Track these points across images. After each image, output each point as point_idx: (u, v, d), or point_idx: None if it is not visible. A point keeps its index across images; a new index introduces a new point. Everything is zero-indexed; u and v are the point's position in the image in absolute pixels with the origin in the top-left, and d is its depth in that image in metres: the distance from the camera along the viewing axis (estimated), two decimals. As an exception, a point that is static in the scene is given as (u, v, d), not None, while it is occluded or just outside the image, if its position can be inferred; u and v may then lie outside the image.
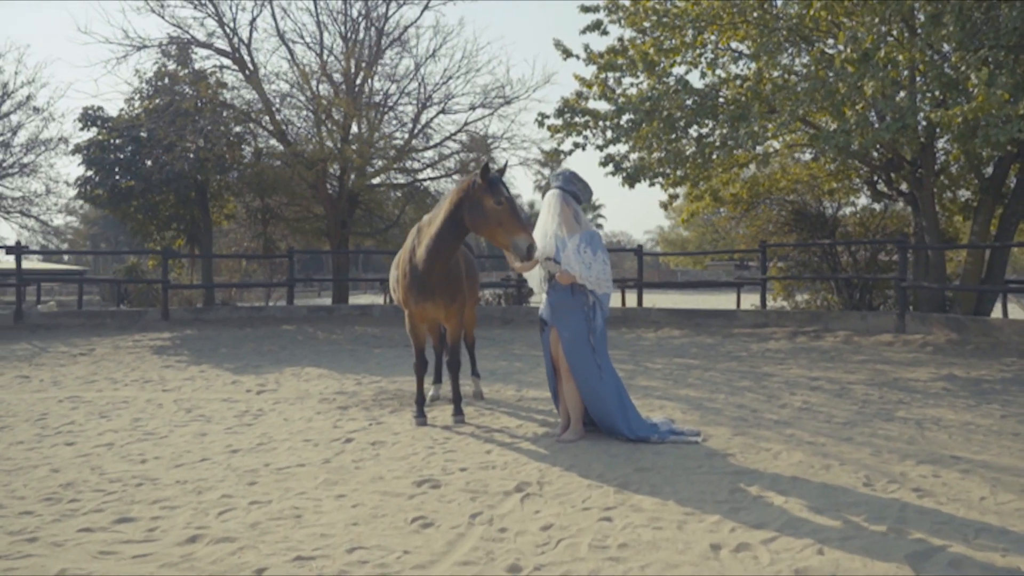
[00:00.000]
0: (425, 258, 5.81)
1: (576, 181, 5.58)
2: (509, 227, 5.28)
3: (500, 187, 5.41)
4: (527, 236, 5.24)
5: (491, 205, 5.36)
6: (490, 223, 5.37)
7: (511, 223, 5.29)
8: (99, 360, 11.04)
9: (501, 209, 5.33)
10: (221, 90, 17.48)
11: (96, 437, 5.83)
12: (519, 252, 5.27)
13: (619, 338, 13.91)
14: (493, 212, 5.34)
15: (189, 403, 7.35)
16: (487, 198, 5.39)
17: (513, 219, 5.30)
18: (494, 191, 5.37)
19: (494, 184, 5.40)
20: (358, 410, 6.88)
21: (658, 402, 7.25)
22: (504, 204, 5.35)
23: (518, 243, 5.24)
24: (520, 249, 5.25)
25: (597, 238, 5.53)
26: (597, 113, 12.27)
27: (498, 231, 5.34)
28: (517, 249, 5.27)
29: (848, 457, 5.04)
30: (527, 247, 5.21)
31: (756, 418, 6.41)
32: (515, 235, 5.24)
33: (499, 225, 5.32)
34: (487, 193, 5.39)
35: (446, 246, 5.76)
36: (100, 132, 16.57)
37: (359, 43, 17.76)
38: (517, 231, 5.25)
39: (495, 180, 5.43)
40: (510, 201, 5.40)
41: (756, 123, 10.46)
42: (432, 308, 6.02)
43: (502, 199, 5.35)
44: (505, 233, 5.29)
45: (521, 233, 5.24)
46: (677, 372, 9.49)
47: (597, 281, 5.41)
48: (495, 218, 5.33)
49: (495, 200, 5.36)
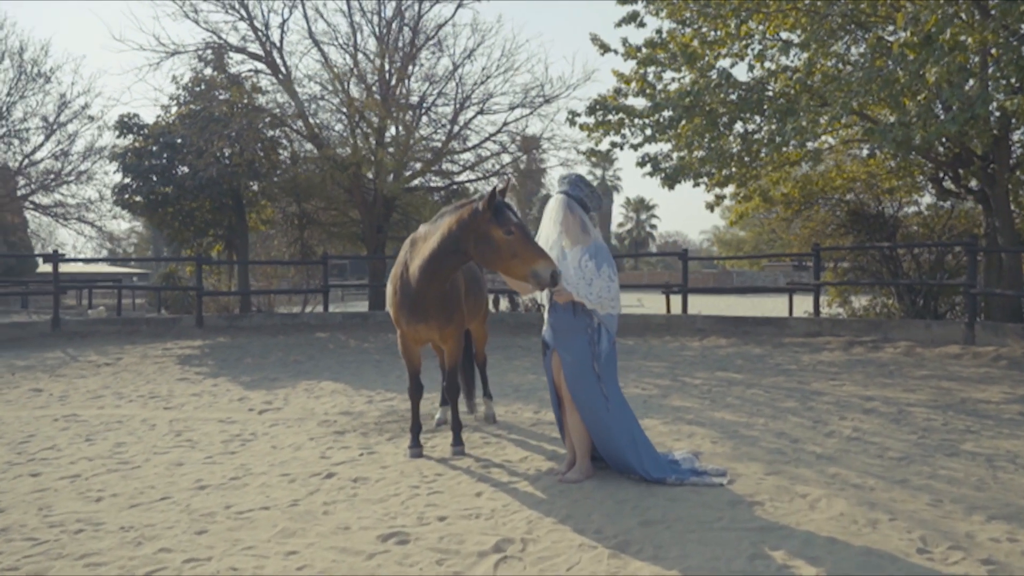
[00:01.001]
0: (419, 278, 5.22)
1: (583, 186, 4.91)
2: (526, 256, 4.61)
3: (508, 214, 4.75)
4: (548, 262, 4.56)
5: (501, 236, 4.71)
6: (503, 256, 4.72)
7: (528, 251, 4.62)
8: (119, 371, 10.83)
9: (513, 239, 4.67)
10: (256, 95, 17.31)
11: (67, 466, 5.42)
12: (541, 282, 4.60)
13: (662, 347, 13.12)
14: (505, 244, 4.70)
15: (184, 424, 6.93)
16: (494, 229, 4.74)
17: (529, 247, 4.64)
18: (501, 220, 4.72)
19: (500, 212, 4.75)
20: (355, 436, 6.34)
21: (688, 428, 6.51)
22: (516, 232, 4.69)
23: (539, 273, 4.56)
24: (542, 279, 4.56)
25: (603, 251, 4.85)
26: (632, 110, 11.50)
27: (513, 263, 4.68)
28: (538, 279, 4.59)
29: (901, 508, 4.24)
30: (550, 274, 4.54)
31: (796, 451, 5.63)
32: (534, 264, 4.57)
33: (514, 257, 4.67)
34: (494, 224, 4.74)
35: (442, 270, 5.16)
36: (136, 139, 16.57)
37: (393, 43, 17.36)
38: (536, 259, 4.58)
39: (501, 207, 4.77)
40: (521, 227, 4.74)
41: (804, 117, 9.55)
42: (425, 330, 5.44)
43: (512, 227, 4.70)
44: (522, 264, 4.63)
45: (541, 260, 4.56)
46: (717, 389, 8.70)
47: (599, 300, 4.73)
48: (508, 250, 4.69)
49: (504, 230, 4.70)
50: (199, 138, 15.39)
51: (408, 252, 5.38)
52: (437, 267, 5.11)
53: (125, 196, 16.72)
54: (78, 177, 27.81)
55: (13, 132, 27.90)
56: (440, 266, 5.11)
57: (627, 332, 15.24)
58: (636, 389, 8.82)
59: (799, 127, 9.38)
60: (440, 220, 5.17)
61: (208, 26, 16.07)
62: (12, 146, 28.57)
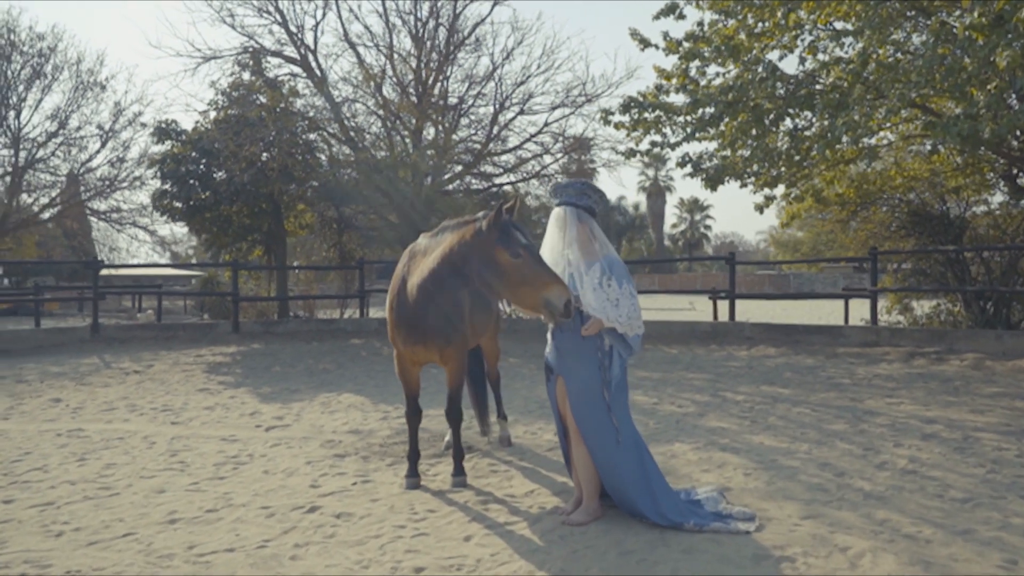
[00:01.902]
0: (416, 297, 4.72)
1: (591, 192, 4.35)
2: (538, 282, 4.07)
3: (514, 235, 4.20)
4: (562, 289, 4.03)
5: (507, 260, 4.17)
6: (511, 282, 4.18)
7: (539, 277, 4.08)
8: (145, 380, 10.67)
9: (522, 263, 4.13)
10: (293, 98, 17.16)
11: (45, 491, 5.12)
12: (555, 312, 4.05)
13: (707, 357, 12.41)
14: (513, 269, 4.15)
15: (184, 442, 6.61)
16: (500, 252, 4.20)
17: (541, 271, 4.09)
18: (508, 242, 4.18)
19: (507, 233, 4.20)
20: (355, 460, 5.90)
21: (720, 456, 5.87)
22: (524, 255, 4.14)
23: (552, 301, 4.02)
24: (556, 308, 4.03)
25: (618, 264, 4.28)
26: (670, 107, 10.79)
27: (523, 291, 4.14)
28: (551, 308, 4.04)
29: (964, 570, 3.57)
30: (564, 303, 4.01)
31: (841, 487, 4.95)
32: (547, 291, 4.04)
33: (523, 283, 4.13)
34: (500, 246, 4.19)
35: (441, 291, 4.66)
36: (175, 145, 16.59)
37: (429, 43, 17.01)
38: (548, 285, 4.04)
39: (507, 227, 4.22)
40: (530, 249, 4.18)
41: (857, 111, 8.75)
42: (423, 351, 4.95)
43: (519, 250, 4.15)
44: (533, 291, 4.09)
45: (554, 287, 4.03)
46: (760, 407, 8.01)
47: (628, 322, 4.17)
48: (517, 275, 4.14)
49: (511, 253, 4.16)
50: (233, 143, 15.29)
51: (407, 265, 4.90)
52: (436, 287, 4.62)
53: (165, 202, 16.76)
54: (132, 183, 28.37)
55: (71, 140, 28.63)
56: (439, 287, 4.61)
57: (671, 340, 14.53)
58: (671, 406, 8.19)
59: (851, 122, 8.58)
60: (442, 235, 4.66)
61: (244, 31, 15.98)
62: (70, 154, 29.35)
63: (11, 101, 27.72)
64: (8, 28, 26.94)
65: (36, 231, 32.16)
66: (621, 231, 74.35)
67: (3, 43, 26.92)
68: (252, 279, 19.65)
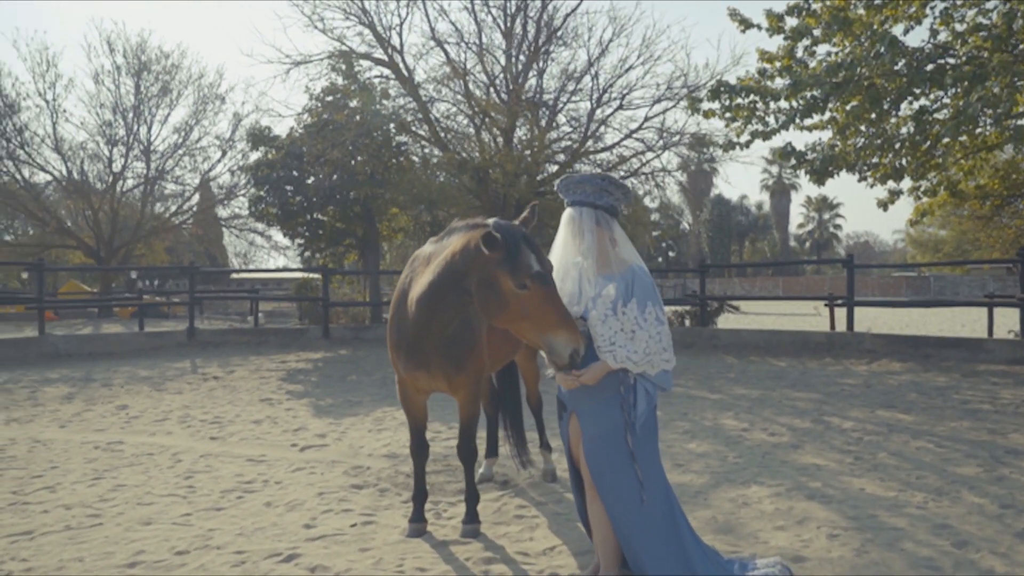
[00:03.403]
0: (416, 314, 3.90)
1: (612, 188, 3.43)
2: (543, 322, 3.19)
3: (522, 259, 3.28)
4: (571, 335, 3.15)
5: (510, 288, 3.29)
6: (510, 314, 3.32)
7: (545, 316, 3.19)
8: (217, 388, 10.55)
9: (528, 296, 3.25)
10: (385, 101, 16.98)
11: (36, 516, 4.75)
12: (557, 357, 3.20)
13: (818, 372, 11.00)
14: (515, 300, 3.28)
15: (208, 462, 6.18)
16: (503, 277, 3.31)
17: (549, 310, 3.19)
18: (513, 268, 3.27)
19: (513, 256, 3.28)
20: (371, 493, 5.22)
21: (804, 506, 4.76)
22: (532, 288, 3.23)
23: (555, 346, 3.18)
24: (559, 354, 3.18)
25: (644, 279, 3.35)
26: (767, 91, 9.47)
27: (524, 326, 3.29)
28: (554, 355, 3.21)
29: None
30: (570, 353, 3.16)
31: (960, 564, 3.76)
32: (552, 333, 3.17)
33: (524, 318, 3.27)
34: (503, 269, 3.30)
35: (444, 309, 3.80)
36: (269, 151, 16.77)
37: (519, 38, 16.35)
38: (555, 328, 3.17)
39: (515, 248, 3.30)
40: (541, 279, 3.25)
41: (998, 83, 7.24)
42: (427, 379, 4.14)
43: (527, 280, 3.24)
44: (534, 329, 3.24)
45: (561, 331, 3.15)
46: (870, 438, 6.72)
47: (646, 359, 3.24)
48: (518, 308, 3.28)
49: (515, 283, 3.26)
50: (323, 147, 15.24)
51: (409, 276, 4.13)
52: (437, 304, 3.78)
53: (261, 207, 16.98)
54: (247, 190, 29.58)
55: (192, 151, 30.13)
56: (441, 303, 3.77)
57: (780, 352, 13.12)
58: (762, 434, 7.04)
59: (987, 96, 7.08)
60: (448, 239, 3.82)
61: (334, 34, 15.91)
62: (194, 164, 30.91)
63: (144, 116, 29.49)
64: (140, 49, 28.64)
65: (166, 237, 34.09)
66: (743, 232, 71.12)
67: (136, 63, 28.63)
68: (347, 284, 19.66)
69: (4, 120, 28.08)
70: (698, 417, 7.93)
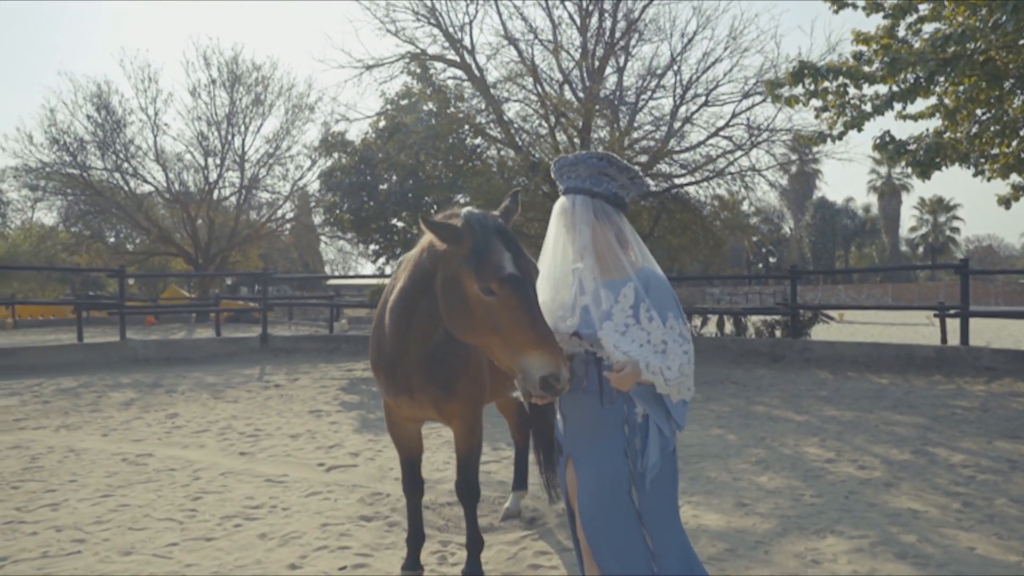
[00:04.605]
0: (391, 326, 3.28)
1: (613, 171, 2.67)
2: (514, 339, 2.50)
3: (493, 255, 2.61)
4: (548, 356, 2.45)
5: (475, 293, 2.62)
6: (476, 324, 2.63)
7: (517, 331, 2.50)
8: (273, 397, 10.32)
9: (495, 304, 2.57)
10: (459, 103, 16.60)
11: (22, 539, 4.43)
12: (529, 384, 2.48)
13: (926, 392, 9.74)
14: (481, 308, 2.60)
15: (225, 481, 5.78)
16: (468, 277, 2.64)
17: (521, 323, 2.50)
18: (480, 266, 2.60)
19: (480, 251, 2.62)
20: (378, 527, 4.63)
21: (890, 568, 3.84)
22: (501, 294, 2.55)
23: (528, 370, 2.47)
24: (531, 378, 2.47)
25: (662, 286, 2.61)
26: (858, 72, 8.28)
27: (493, 343, 2.59)
28: (526, 379, 2.49)
29: None
30: (541, 378, 2.44)
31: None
32: (525, 354, 2.48)
33: (493, 331, 2.57)
34: (468, 269, 2.64)
35: (419, 319, 3.15)
36: (342, 157, 16.69)
37: (595, 33, 15.61)
38: (526, 346, 2.47)
39: (484, 240, 2.63)
40: (513, 283, 2.55)
41: None
42: (410, 405, 3.48)
43: (492, 284, 2.56)
44: (505, 348, 2.54)
45: (536, 352, 2.46)
46: (985, 477, 5.64)
47: (680, 380, 2.49)
48: (486, 319, 2.59)
49: (480, 286, 2.59)
50: (395, 151, 14.98)
51: (392, 282, 3.51)
52: (411, 313, 3.14)
53: (336, 213, 16.92)
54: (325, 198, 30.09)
55: (282, 160, 30.82)
56: (414, 312, 3.13)
57: (881, 368, 11.82)
58: (849, 467, 6.05)
59: None
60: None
61: (405, 37, 15.62)
62: (287, 172, 31.65)
63: (238, 127, 30.43)
64: (234, 62, 29.57)
65: (260, 244, 35.12)
66: (849, 236, 67.32)
67: (230, 76, 29.58)
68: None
69: (114, 136, 29.61)
70: (777, 443, 6.97)
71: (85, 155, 28.84)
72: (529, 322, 2.47)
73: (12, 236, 43.69)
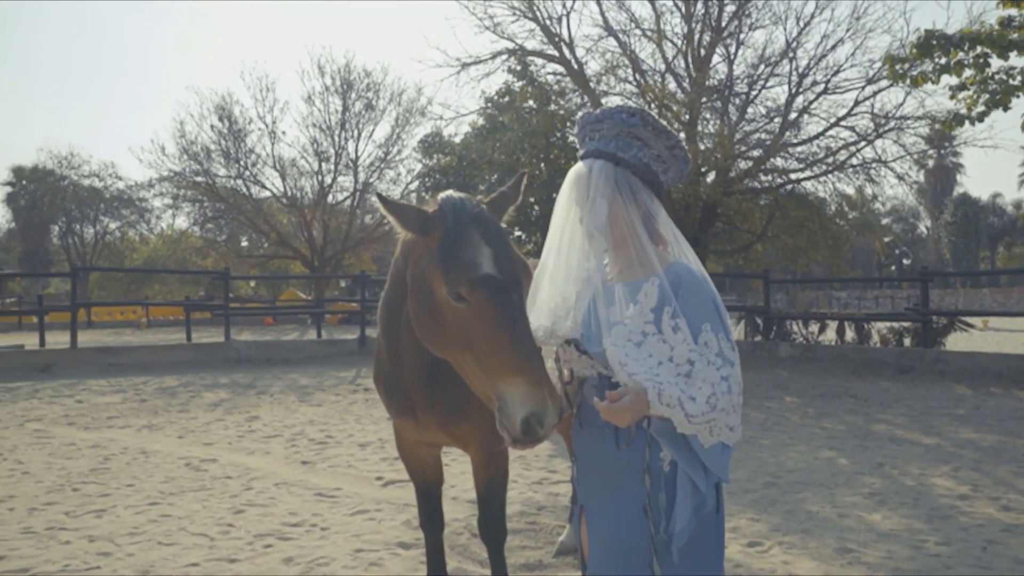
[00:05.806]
0: (383, 338, 2.78)
1: (649, 135, 2.04)
2: (489, 361, 1.98)
3: (469, 252, 2.08)
4: (528, 387, 1.90)
5: (443, 298, 2.09)
6: (446, 336, 2.13)
7: (492, 350, 1.97)
8: (359, 401, 10.17)
9: (466, 312, 2.05)
10: (558, 100, 16.09)
11: (53, 548, 4.26)
12: (507, 421, 1.93)
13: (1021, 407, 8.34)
14: (451, 316, 2.09)
15: (272, 494, 5.48)
16: (435, 277, 2.11)
17: (497, 340, 1.97)
18: (448, 265, 2.07)
19: (450, 245, 2.09)
20: (415, 556, 4.14)
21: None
22: (475, 299, 2.02)
23: (505, 402, 1.93)
24: (508, 416, 1.92)
25: (699, 286, 1.95)
26: (1003, 38, 6.92)
27: (465, 359, 2.07)
28: (503, 414, 1.94)
29: None
30: (523, 418, 1.88)
31: None
32: (500, 379, 1.95)
33: (466, 347, 2.06)
34: (436, 267, 2.11)
35: (408, 329, 2.51)
36: (440, 158, 16.54)
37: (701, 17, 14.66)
38: (503, 371, 1.94)
39: (455, 231, 2.11)
40: (490, 286, 2.02)
41: None
42: (415, 428, 2.91)
43: (462, 288, 2.03)
44: (479, 371, 2.02)
45: (512, 377, 1.92)
46: None
47: (711, 414, 1.82)
48: (457, 331, 2.08)
49: (448, 290, 2.06)
50: (494, 151, 14.68)
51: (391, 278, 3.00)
52: (396, 319, 2.60)
53: (433, 214, 16.82)
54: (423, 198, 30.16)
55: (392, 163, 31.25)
56: (399, 316, 2.57)
57: (1021, 380, 10.33)
58: (989, 506, 5.08)
59: None
60: None
61: (504, 33, 15.24)
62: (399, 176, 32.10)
63: (351, 132, 31.18)
64: (347, 70, 30.32)
65: (373, 247, 35.89)
66: (995, 236, 61.50)
67: (343, 84, 30.34)
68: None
69: (236, 144, 31.05)
70: (897, 471, 5.99)
71: (211, 163, 30.36)
72: (507, 339, 1.89)
73: (152, 241, 47.11)
